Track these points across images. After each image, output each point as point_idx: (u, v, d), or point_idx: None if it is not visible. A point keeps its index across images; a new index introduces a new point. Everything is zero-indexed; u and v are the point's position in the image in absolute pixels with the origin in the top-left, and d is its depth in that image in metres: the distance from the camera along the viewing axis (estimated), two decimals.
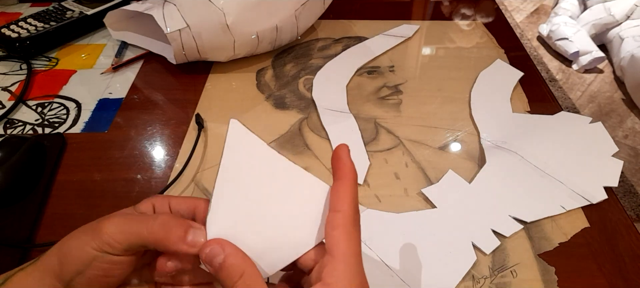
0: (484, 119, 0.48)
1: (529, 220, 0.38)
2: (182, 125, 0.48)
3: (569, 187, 0.40)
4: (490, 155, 0.44)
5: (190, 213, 0.26)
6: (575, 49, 1.68)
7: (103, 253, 0.23)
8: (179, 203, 0.27)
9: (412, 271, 0.35)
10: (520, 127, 0.47)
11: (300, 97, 0.52)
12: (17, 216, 0.39)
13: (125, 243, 0.23)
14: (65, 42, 0.62)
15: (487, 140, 0.45)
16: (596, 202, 0.39)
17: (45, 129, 0.49)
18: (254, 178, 0.24)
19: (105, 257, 0.23)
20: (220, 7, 0.48)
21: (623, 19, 1.71)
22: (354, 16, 0.67)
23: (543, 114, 0.49)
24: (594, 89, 1.64)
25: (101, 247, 0.23)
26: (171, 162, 0.44)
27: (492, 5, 0.70)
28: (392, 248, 0.36)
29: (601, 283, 0.34)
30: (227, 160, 0.24)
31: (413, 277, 0.34)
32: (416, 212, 0.39)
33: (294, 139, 0.46)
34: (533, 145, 0.44)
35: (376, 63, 0.57)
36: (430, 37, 0.62)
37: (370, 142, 0.46)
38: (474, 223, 0.38)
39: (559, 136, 0.45)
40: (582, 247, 0.37)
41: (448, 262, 0.35)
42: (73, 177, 0.43)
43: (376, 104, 0.51)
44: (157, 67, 0.58)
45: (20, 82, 0.55)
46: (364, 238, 0.37)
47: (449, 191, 0.41)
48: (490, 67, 0.56)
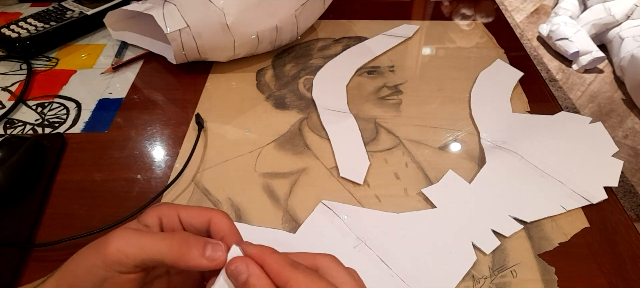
0: (484, 119, 0.48)
1: (529, 220, 0.38)
2: (182, 125, 0.48)
3: (569, 187, 0.40)
4: (490, 155, 0.44)
5: (204, 225, 0.26)
6: (575, 49, 1.68)
7: (113, 272, 0.22)
8: (191, 216, 0.26)
9: (412, 271, 0.35)
10: (520, 127, 0.47)
11: (300, 97, 0.52)
12: (17, 216, 0.39)
13: (138, 259, 0.22)
14: (65, 42, 0.62)
15: (487, 140, 0.45)
16: (596, 202, 0.39)
17: (45, 129, 0.49)
18: None
19: (116, 277, 0.22)
20: (220, 7, 0.48)
21: (623, 19, 1.71)
22: (354, 16, 0.67)
23: (543, 114, 0.49)
24: (594, 89, 1.64)
25: (110, 265, 0.22)
26: (171, 162, 0.44)
27: (492, 5, 0.70)
28: (392, 248, 0.36)
29: (601, 283, 0.34)
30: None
31: (413, 276, 0.34)
32: (416, 212, 0.39)
33: (294, 139, 0.46)
34: (533, 145, 0.44)
35: (376, 63, 0.57)
36: (430, 37, 0.62)
37: (370, 142, 0.46)
38: (474, 223, 0.38)
39: (559, 136, 0.45)
40: (582, 247, 0.37)
41: (448, 262, 0.35)
42: (73, 177, 0.43)
43: (376, 104, 0.51)
44: (157, 67, 0.58)
45: (20, 82, 0.55)
46: (364, 238, 0.37)
47: (449, 191, 0.40)
48: (490, 67, 0.56)
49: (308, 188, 0.41)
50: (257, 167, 0.43)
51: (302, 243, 0.37)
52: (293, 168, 0.43)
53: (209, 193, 0.41)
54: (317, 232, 0.37)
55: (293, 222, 0.39)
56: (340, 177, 0.42)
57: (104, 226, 0.37)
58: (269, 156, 0.45)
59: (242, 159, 0.44)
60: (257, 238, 0.38)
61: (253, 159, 0.44)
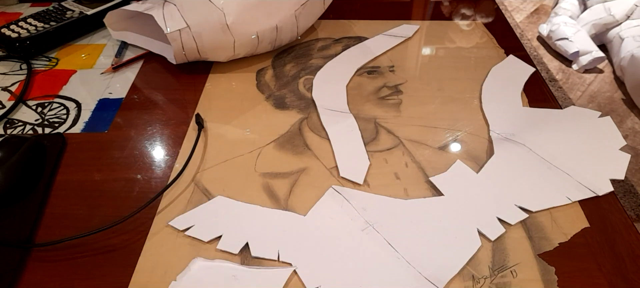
0: (494, 113, 0.49)
1: (534, 209, 0.39)
2: (182, 125, 0.48)
3: (575, 179, 0.41)
4: (499, 147, 0.44)
5: None
6: (575, 49, 1.68)
7: None
8: None
9: (418, 254, 0.35)
10: (529, 120, 0.48)
11: (300, 97, 0.52)
12: (17, 216, 0.39)
13: None
14: (65, 42, 0.62)
15: (496, 132, 0.46)
16: (602, 194, 0.40)
17: (45, 129, 0.49)
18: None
19: None
20: (220, 7, 0.48)
21: (623, 19, 1.71)
22: (354, 16, 0.67)
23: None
24: (594, 89, 1.64)
25: None
26: (171, 162, 0.44)
27: (492, 5, 0.70)
28: (399, 233, 0.37)
29: (601, 283, 0.34)
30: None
31: (418, 259, 0.35)
32: (423, 198, 0.40)
33: (294, 139, 0.46)
34: (541, 138, 0.45)
35: (376, 63, 0.57)
36: (430, 37, 0.62)
37: (370, 142, 0.46)
38: (479, 211, 0.39)
39: (568, 129, 0.46)
40: (582, 247, 0.37)
41: (453, 247, 0.36)
42: (73, 177, 0.43)
43: (376, 104, 0.51)
44: (157, 67, 0.58)
45: (20, 82, 0.55)
46: (372, 221, 0.38)
47: (456, 180, 0.41)
48: (502, 63, 0.56)
49: (308, 188, 0.41)
50: (257, 167, 0.43)
51: (312, 225, 0.38)
52: (293, 169, 0.43)
53: (209, 193, 0.41)
54: (327, 215, 0.39)
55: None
56: (341, 177, 0.42)
57: (104, 226, 0.37)
58: (269, 156, 0.45)
59: (242, 159, 0.44)
60: (268, 220, 0.39)
61: (253, 159, 0.44)
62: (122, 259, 0.36)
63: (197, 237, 0.37)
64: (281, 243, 0.36)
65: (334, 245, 0.36)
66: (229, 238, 0.37)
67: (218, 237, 0.37)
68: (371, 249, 0.36)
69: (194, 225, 0.38)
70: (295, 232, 0.37)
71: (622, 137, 0.45)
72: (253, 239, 0.37)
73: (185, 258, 0.36)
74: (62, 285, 0.35)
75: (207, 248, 0.37)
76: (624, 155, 0.43)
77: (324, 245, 0.36)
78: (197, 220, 0.38)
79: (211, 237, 0.37)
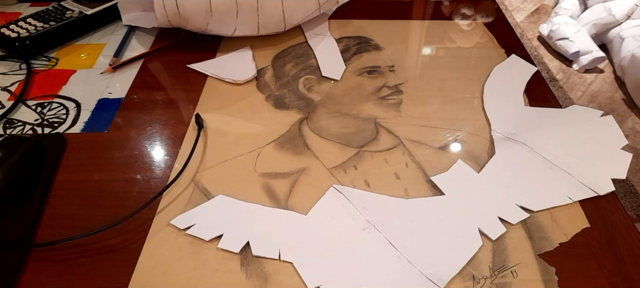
0: (496, 112, 0.49)
1: (535, 209, 0.39)
2: (182, 125, 0.48)
3: (577, 179, 0.41)
4: (500, 146, 0.44)
5: None
6: (576, 49, 1.68)
7: None
8: None
9: (419, 253, 0.35)
10: (531, 119, 0.47)
11: (300, 97, 0.52)
12: (17, 216, 0.39)
13: None
14: (65, 42, 0.62)
15: (498, 131, 0.46)
16: (603, 194, 0.40)
17: (44, 129, 0.48)
18: None
19: None
20: None
21: (623, 19, 1.71)
22: (354, 16, 0.67)
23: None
24: (594, 89, 1.64)
25: None
26: (171, 162, 0.44)
27: (492, 5, 0.70)
28: (400, 231, 0.37)
29: (601, 283, 0.34)
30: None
31: (419, 259, 0.35)
32: (425, 198, 0.40)
33: (294, 139, 0.46)
34: (543, 137, 0.45)
35: (376, 63, 0.57)
36: (430, 37, 0.62)
37: (370, 142, 0.46)
38: (480, 210, 0.39)
39: (570, 129, 0.46)
40: (582, 247, 0.36)
41: (454, 246, 0.36)
42: (73, 177, 0.43)
43: (376, 104, 0.51)
44: (157, 67, 0.58)
45: (19, 82, 0.55)
46: (373, 221, 0.38)
47: (457, 179, 0.41)
48: (505, 62, 0.56)
49: (308, 188, 0.41)
50: (257, 167, 0.43)
51: (313, 224, 0.38)
52: (293, 169, 0.43)
53: (208, 193, 0.41)
54: (328, 214, 0.39)
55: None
56: (337, 178, 0.42)
57: (104, 226, 0.37)
58: (269, 156, 0.44)
59: (242, 159, 0.44)
60: (269, 219, 0.39)
61: (253, 159, 0.44)
62: (122, 259, 0.36)
63: (198, 236, 0.37)
64: (282, 242, 0.36)
65: (334, 244, 0.36)
66: (229, 237, 0.37)
67: (219, 236, 0.37)
68: (372, 248, 0.36)
69: (194, 224, 0.38)
70: (296, 231, 0.37)
71: (624, 136, 0.45)
72: (254, 238, 0.37)
73: (185, 259, 0.36)
74: (62, 285, 0.35)
75: (208, 248, 0.37)
76: (625, 154, 0.43)
77: (325, 244, 0.36)
78: (198, 219, 0.38)
79: (212, 236, 0.37)
